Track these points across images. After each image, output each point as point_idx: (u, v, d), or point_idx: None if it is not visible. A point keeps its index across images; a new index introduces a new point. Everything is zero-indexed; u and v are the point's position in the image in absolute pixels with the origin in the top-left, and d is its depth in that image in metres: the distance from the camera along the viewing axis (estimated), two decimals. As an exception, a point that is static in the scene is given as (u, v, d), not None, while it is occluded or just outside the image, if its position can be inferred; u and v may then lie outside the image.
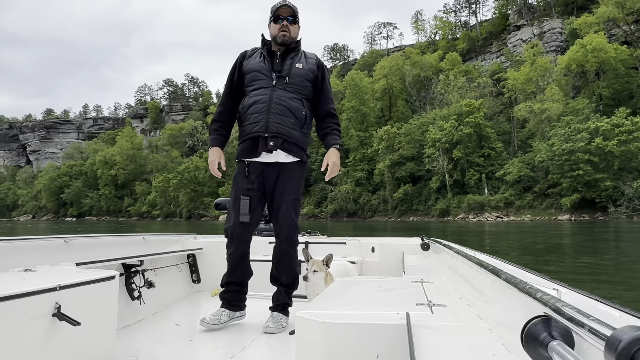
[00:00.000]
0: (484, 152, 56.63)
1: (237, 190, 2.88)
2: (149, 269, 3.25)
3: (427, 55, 77.94)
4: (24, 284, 1.81)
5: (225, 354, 2.37)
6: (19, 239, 2.59)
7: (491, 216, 50.59)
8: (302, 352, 1.46)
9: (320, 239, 4.25)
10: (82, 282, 1.97)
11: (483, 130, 56.75)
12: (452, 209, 54.33)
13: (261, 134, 2.77)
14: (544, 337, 0.90)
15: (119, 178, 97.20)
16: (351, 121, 69.50)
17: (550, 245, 17.60)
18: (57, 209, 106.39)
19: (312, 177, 70.95)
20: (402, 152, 60.39)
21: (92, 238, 3.18)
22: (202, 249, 4.07)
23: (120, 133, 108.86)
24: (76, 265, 2.50)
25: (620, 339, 0.63)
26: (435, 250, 3.41)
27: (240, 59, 2.99)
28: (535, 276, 1.44)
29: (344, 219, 62.21)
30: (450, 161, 56.21)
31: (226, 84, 3.02)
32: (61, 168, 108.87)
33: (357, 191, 64.68)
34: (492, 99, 62.97)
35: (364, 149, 66.93)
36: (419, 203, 59.09)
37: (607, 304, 0.97)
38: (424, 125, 61.19)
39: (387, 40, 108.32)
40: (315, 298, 1.83)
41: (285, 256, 2.98)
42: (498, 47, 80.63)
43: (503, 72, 68.86)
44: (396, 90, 74.76)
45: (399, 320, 1.36)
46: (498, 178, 53.80)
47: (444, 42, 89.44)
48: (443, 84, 66.77)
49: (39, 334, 1.76)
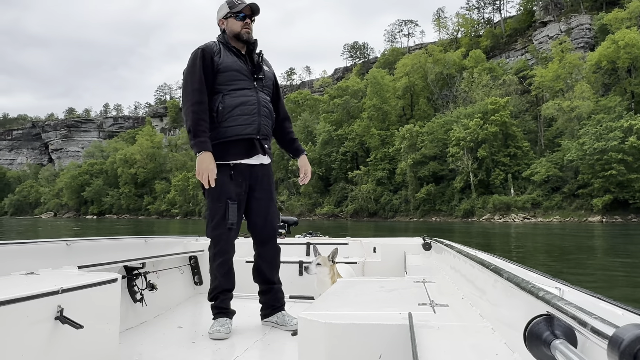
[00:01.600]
0: (509, 151, 55.11)
1: (222, 193, 2.71)
2: (151, 272, 3.25)
3: (449, 52, 76.46)
4: (26, 288, 1.81)
5: (227, 355, 2.38)
6: (21, 242, 2.59)
7: (518, 217, 49.17)
8: (304, 353, 1.47)
9: (321, 239, 4.22)
10: (84, 285, 1.98)
11: (509, 129, 55.22)
12: (477, 209, 53.00)
13: (253, 136, 2.74)
14: (547, 335, 0.91)
15: (139, 176, 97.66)
16: (372, 120, 68.47)
17: (582, 247, 16.96)
18: (78, 207, 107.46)
19: (332, 177, 70.32)
20: (424, 151, 59.14)
21: (93, 241, 3.17)
22: (204, 250, 3.89)
23: (140, 132, 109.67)
24: (78, 268, 2.49)
25: (623, 337, 0.63)
26: (437, 250, 3.39)
27: (210, 53, 2.75)
28: (538, 275, 1.41)
29: (364, 219, 61.27)
30: (475, 160, 54.83)
31: (197, 78, 2.70)
32: (82, 166, 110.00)
33: (378, 191, 63.60)
34: (517, 97, 61.32)
35: (385, 148, 65.82)
36: (442, 203, 57.83)
37: (610, 302, 0.96)
38: (447, 123, 59.86)
39: (408, 38, 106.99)
40: (318, 299, 1.83)
41: (277, 255, 3.02)
42: (523, 44, 78.72)
43: (528, 70, 67.11)
44: (418, 89, 73.51)
45: (402, 320, 1.36)
46: (525, 178, 52.26)
47: (467, 40, 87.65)
48: (467, 82, 65.29)
49: (41, 338, 1.77)
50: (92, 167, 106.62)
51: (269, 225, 2.93)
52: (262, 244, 2.97)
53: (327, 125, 70.99)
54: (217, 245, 2.78)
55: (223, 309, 2.80)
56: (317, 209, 68.06)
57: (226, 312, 2.81)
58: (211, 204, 2.76)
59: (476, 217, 52.27)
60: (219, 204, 2.72)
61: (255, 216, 2.91)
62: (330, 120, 72.69)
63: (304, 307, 1.64)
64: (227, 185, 2.73)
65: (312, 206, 69.34)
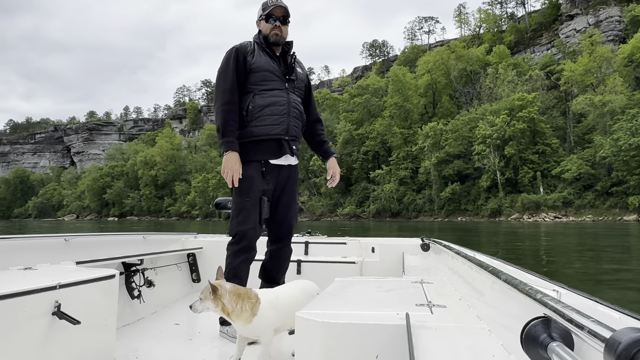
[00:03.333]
0: (538, 148, 53.53)
1: (254, 190, 2.71)
2: (149, 268, 3.24)
3: (472, 48, 74.80)
4: (24, 283, 1.82)
5: (224, 353, 2.39)
6: (19, 237, 2.57)
7: (548, 216, 47.61)
8: (302, 352, 1.47)
9: (320, 239, 4.19)
10: (82, 280, 1.99)
11: (537, 126, 53.60)
12: (505, 208, 51.56)
13: (282, 136, 2.74)
14: (544, 338, 0.91)
15: (159, 178, 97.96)
16: (394, 118, 67.25)
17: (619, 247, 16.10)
18: (99, 209, 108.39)
19: (353, 177, 69.31)
20: (448, 149, 57.78)
21: (92, 237, 3.12)
22: (202, 248, 4.07)
23: (160, 134, 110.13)
24: (76, 264, 2.50)
25: (619, 340, 0.63)
26: (435, 251, 3.35)
27: (243, 53, 2.76)
28: (535, 277, 1.43)
29: (387, 219, 60.18)
30: (502, 158, 53.32)
31: (230, 78, 2.71)
32: (103, 169, 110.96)
33: (401, 190, 62.42)
34: (544, 93, 59.48)
35: (408, 147, 64.55)
36: (468, 203, 56.43)
37: (607, 306, 0.96)
38: (472, 121, 58.37)
39: (429, 35, 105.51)
40: (316, 298, 1.79)
41: (289, 256, 3.03)
42: (549, 39, 76.68)
43: (555, 65, 65.24)
44: (440, 86, 72.08)
45: (399, 320, 1.36)
46: (555, 176, 50.70)
47: (490, 35, 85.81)
48: (492, 78, 63.60)
49: (38, 333, 1.77)
50: (113, 170, 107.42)
51: (287, 224, 2.93)
52: (276, 242, 2.95)
53: (348, 125, 70.01)
54: (242, 242, 2.70)
55: None
56: (339, 209, 67.10)
57: None
58: (239, 199, 2.73)
59: (504, 217, 50.88)
60: (247, 198, 2.70)
61: (275, 215, 2.87)
62: (351, 119, 71.70)
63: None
64: (257, 180, 2.71)
65: (334, 206, 68.41)
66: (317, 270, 3.67)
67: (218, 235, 4.56)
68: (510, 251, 14.82)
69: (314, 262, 3.79)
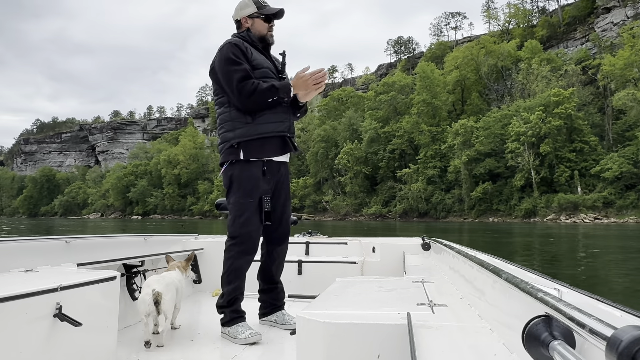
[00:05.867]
0: (575, 146, 51.13)
1: (256, 190, 2.69)
2: (150, 270, 3.23)
3: (503, 43, 72.41)
4: (25, 285, 1.83)
5: (226, 354, 2.39)
6: (20, 239, 2.57)
7: (588, 217, 45.28)
8: (303, 352, 1.48)
9: (320, 239, 4.20)
10: (83, 282, 1.99)
11: (574, 122, 51.21)
12: (540, 209, 49.34)
13: (285, 133, 2.74)
14: (545, 336, 0.91)
15: (182, 177, 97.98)
16: (421, 115, 65.37)
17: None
18: (123, 208, 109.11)
19: (378, 176, 67.77)
20: (479, 147, 55.72)
21: (93, 239, 3.14)
22: (203, 249, 4.05)
23: (183, 133, 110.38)
24: (77, 266, 2.51)
25: (621, 338, 0.63)
26: (436, 250, 3.33)
27: (244, 49, 2.69)
28: (536, 276, 1.43)
29: (414, 220, 58.48)
30: (537, 156, 51.11)
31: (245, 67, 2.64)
32: (127, 167, 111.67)
33: (429, 190, 60.55)
34: (580, 88, 56.96)
35: (436, 145, 62.67)
36: (500, 203, 54.30)
37: (609, 304, 0.97)
38: (504, 117, 56.20)
39: (456, 31, 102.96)
40: (317, 298, 1.82)
41: (285, 256, 3.02)
42: (583, 33, 73.70)
43: (591, 59, 62.53)
44: (469, 82, 69.91)
45: (400, 320, 1.38)
46: (594, 175, 48.29)
47: (520, 30, 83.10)
48: (524, 73, 61.25)
49: (40, 335, 1.78)
50: (137, 168, 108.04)
51: (284, 224, 2.90)
52: (274, 242, 2.93)
53: (373, 123, 68.42)
54: (244, 243, 2.68)
55: (242, 313, 2.70)
56: (364, 209, 65.58)
57: (244, 316, 2.70)
58: (242, 199, 2.67)
59: (539, 218, 48.74)
60: (250, 199, 2.67)
61: (273, 214, 2.81)
62: (376, 117, 70.11)
63: (303, 306, 1.64)
64: (259, 181, 2.69)
65: (359, 206, 66.93)
66: (318, 270, 3.71)
67: (219, 236, 4.52)
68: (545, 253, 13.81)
69: (315, 262, 3.78)
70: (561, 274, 9.37)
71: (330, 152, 71.27)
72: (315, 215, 69.72)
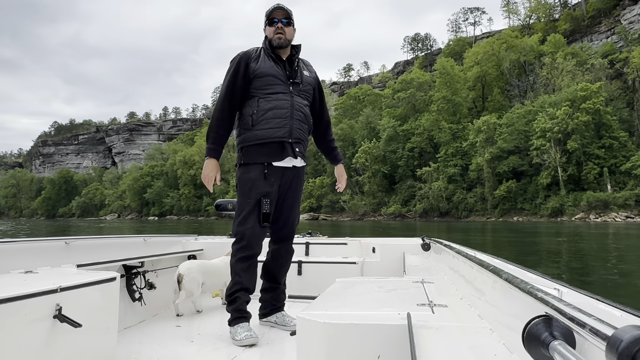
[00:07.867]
0: (604, 142, 49.38)
1: (256, 192, 2.75)
2: (149, 271, 3.24)
3: (525, 38, 70.50)
4: (25, 286, 1.83)
5: (226, 354, 2.38)
6: (20, 240, 2.57)
7: (619, 216, 43.48)
8: (303, 353, 1.48)
9: (320, 239, 4.17)
10: (83, 283, 1.99)
11: (603, 118, 49.37)
12: (567, 207, 47.61)
13: (285, 139, 2.76)
14: (545, 337, 0.91)
15: (198, 178, 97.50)
16: (441, 112, 63.90)
17: None
18: (140, 209, 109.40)
19: (397, 175, 66.44)
20: (502, 144, 54.07)
21: (92, 240, 3.13)
22: (203, 250, 4.06)
23: (198, 133, 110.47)
24: (77, 267, 2.51)
25: (621, 338, 0.63)
26: (436, 251, 3.32)
27: (246, 60, 2.81)
28: (537, 276, 1.42)
29: (434, 219, 57.01)
30: (564, 153, 49.34)
31: (227, 86, 2.81)
32: (143, 169, 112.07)
33: (450, 188, 59.05)
34: (608, 83, 54.97)
35: (457, 143, 61.14)
36: (525, 201, 52.62)
37: (609, 304, 0.96)
38: (529, 114, 54.45)
39: (474, 27, 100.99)
40: (317, 298, 1.80)
41: (291, 256, 3.06)
42: (609, 26, 71.43)
43: (617, 53, 60.40)
44: (490, 78, 68.20)
45: (400, 320, 1.38)
46: (624, 172, 46.42)
47: (542, 25, 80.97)
48: (549, 68, 59.36)
49: (40, 336, 1.78)
50: (153, 169, 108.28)
51: (289, 225, 2.95)
52: (279, 242, 2.97)
53: (392, 121, 67.11)
54: (241, 241, 2.74)
55: (244, 313, 2.70)
56: (383, 208, 64.29)
57: (246, 316, 2.70)
58: (241, 200, 2.77)
59: (566, 217, 47.00)
60: (248, 200, 2.74)
61: (278, 215, 2.89)
62: (395, 115, 68.76)
63: (303, 307, 1.63)
64: (259, 182, 2.74)
65: (377, 206, 65.65)
66: (318, 270, 3.69)
67: (219, 236, 4.53)
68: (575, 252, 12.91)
69: (315, 262, 3.75)
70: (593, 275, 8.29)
71: (347, 151, 70.12)
72: (333, 215, 68.61)
